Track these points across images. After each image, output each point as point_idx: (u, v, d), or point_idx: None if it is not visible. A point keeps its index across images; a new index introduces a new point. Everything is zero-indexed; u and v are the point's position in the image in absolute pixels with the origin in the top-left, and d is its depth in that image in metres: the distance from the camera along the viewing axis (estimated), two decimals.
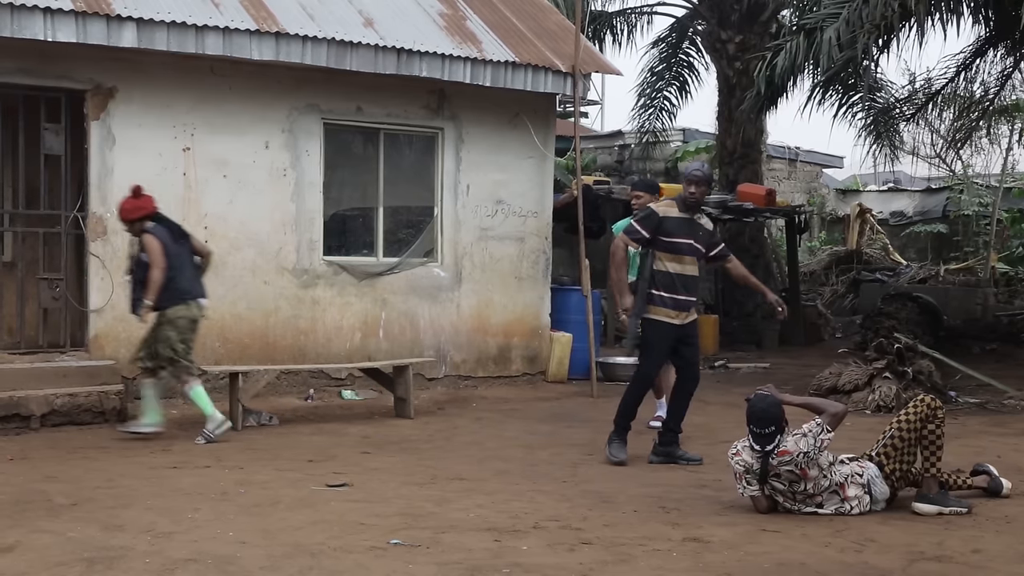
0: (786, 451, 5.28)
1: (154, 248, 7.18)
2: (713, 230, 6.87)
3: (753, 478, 5.34)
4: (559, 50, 10.47)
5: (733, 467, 5.44)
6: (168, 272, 7.18)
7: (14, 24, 7.72)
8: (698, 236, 6.71)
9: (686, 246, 6.68)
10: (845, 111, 15.63)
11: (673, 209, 6.70)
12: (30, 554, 4.37)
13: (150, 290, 7.15)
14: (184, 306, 7.31)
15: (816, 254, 21.54)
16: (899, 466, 5.42)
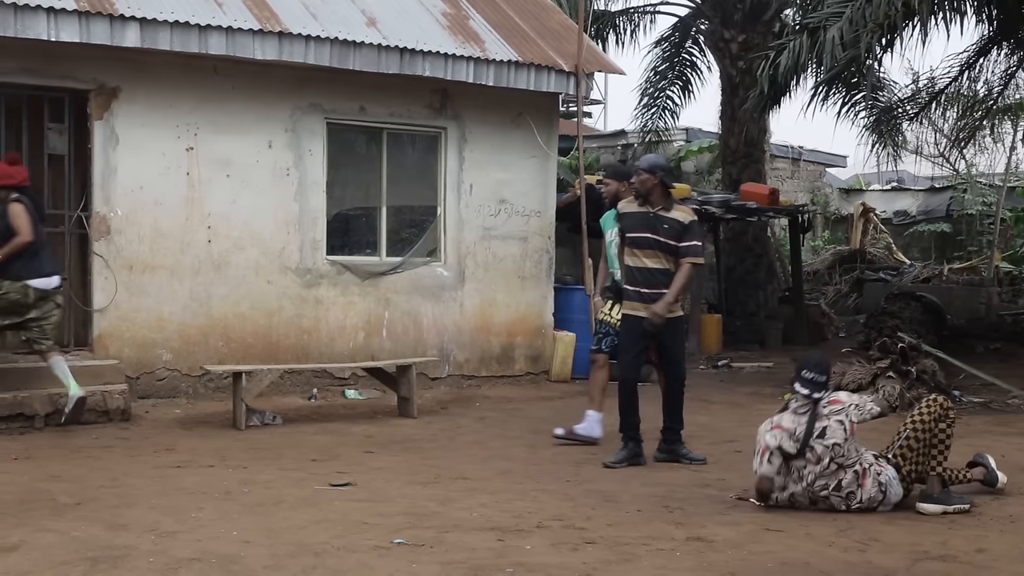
0: (838, 400, 5.34)
1: (21, 216, 7.19)
2: (688, 225, 6.60)
3: (779, 455, 5.28)
4: (562, 49, 10.46)
5: (763, 441, 5.37)
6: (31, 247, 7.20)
7: (18, 24, 7.73)
8: (662, 229, 6.60)
9: (644, 240, 6.65)
10: (848, 110, 15.62)
11: (633, 204, 6.76)
12: (34, 553, 4.38)
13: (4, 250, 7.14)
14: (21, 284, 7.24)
15: (820, 253, 21.52)
16: (915, 467, 5.41)
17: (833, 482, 5.30)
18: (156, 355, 8.76)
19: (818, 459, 5.28)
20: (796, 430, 5.32)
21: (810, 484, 5.32)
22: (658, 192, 6.66)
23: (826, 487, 5.31)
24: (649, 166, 6.69)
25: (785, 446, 5.32)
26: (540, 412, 8.96)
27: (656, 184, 6.64)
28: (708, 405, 9.63)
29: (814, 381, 5.35)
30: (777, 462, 5.34)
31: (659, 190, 6.66)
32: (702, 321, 14.52)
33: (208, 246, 8.97)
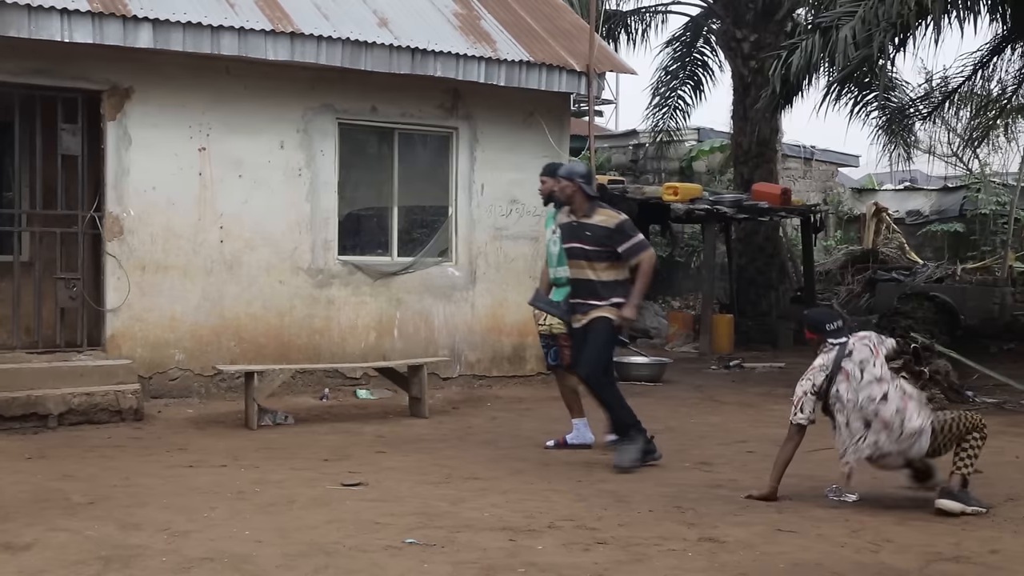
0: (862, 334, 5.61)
1: None
2: (615, 228, 6.45)
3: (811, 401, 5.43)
4: (573, 49, 10.46)
5: (800, 391, 5.51)
6: None
7: (31, 25, 7.76)
8: (585, 237, 6.51)
9: (571, 250, 6.61)
10: (860, 110, 15.59)
11: (563, 214, 6.71)
12: (48, 552, 4.40)
13: None
14: None
15: (832, 253, 21.46)
16: (941, 446, 5.44)
17: (879, 392, 5.35)
18: (169, 355, 8.79)
19: (848, 376, 5.39)
20: (826, 363, 5.49)
21: (855, 402, 5.36)
22: (579, 199, 6.54)
23: (872, 399, 5.34)
24: (567, 173, 6.63)
25: (816, 380, 5.47)
26: (551, 412, 8.94)
27: (576, 191, 6.53)
28: (720, 405, 9.62)
29: (839, 330, 5.56)
30: (809, 409, 5.48)
31: (580, 197, 6.55)
32: (713, 321, 14.51)
33: (220, 246, 8.99)
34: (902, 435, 5.35)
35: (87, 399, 7.61)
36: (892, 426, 5.35)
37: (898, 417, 5.35)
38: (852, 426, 5.41)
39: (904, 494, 5.80)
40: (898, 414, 5.35)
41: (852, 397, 5.39)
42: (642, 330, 15.55)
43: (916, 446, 5.38)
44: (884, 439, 5.36)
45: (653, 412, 9.09)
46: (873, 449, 5.39)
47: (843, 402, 5.41)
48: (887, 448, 5.37)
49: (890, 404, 5.36)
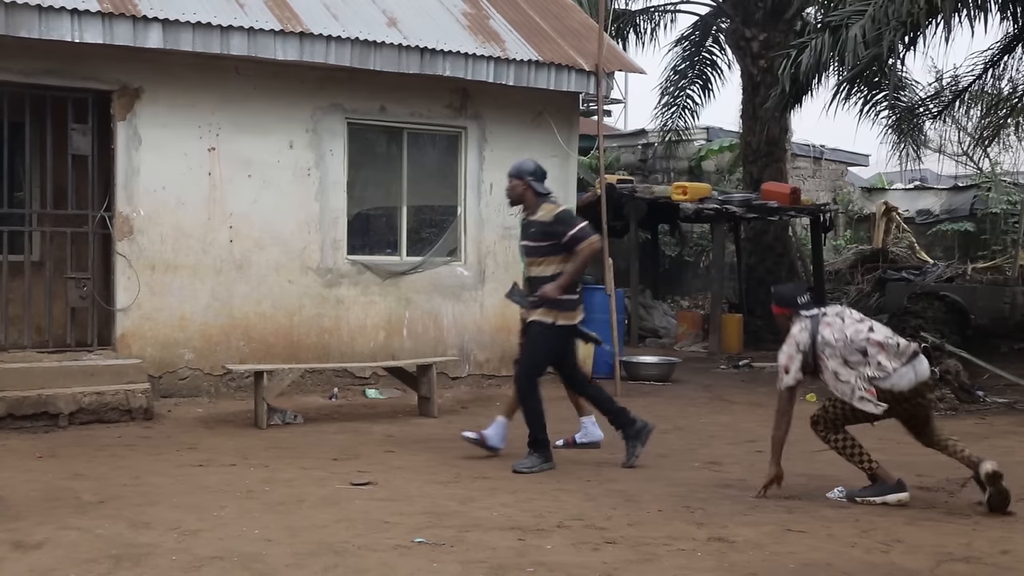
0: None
1: None
2: (552, 220, 6.38)
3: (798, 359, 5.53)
4: (582, 49, 10.45)
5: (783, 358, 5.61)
6: None
7: (42, 25, 7.79)
8: (531, 234, 6.51)
9: (522, 248, 6.63)
10: (870, 109, 15.54)
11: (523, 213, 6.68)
12: (58, 551, 4.41)
13: None
14: None
15: (841, 253, 21.40)
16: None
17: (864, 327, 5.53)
18: (178, 354, 8.81)
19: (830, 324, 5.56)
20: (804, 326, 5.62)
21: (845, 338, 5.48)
22: (529, 196, 6.51)
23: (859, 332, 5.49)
24: (516, 171, 6.57)
25: (801, 339, 5.57)
26: (560, 412, 8.92)
27: (525, 188, 6.49)
28: (729, 405, 9.61)
29: (809, 303, 5.72)
30: (797, 366, 5.57)
31: (529, 194, 6.51)
32: (722, 321, 14.49)
33: (230, 246, 9.01)
34: (899, 350, 5.48)
35: (97, 398, 7.63)
36: (888, 345, 5.48)
37: (892, 340, 5.52)
38: (850, 360, 5.49)
39: (916, 494, 5.79)
40: (890, 337, 5.54)
41: (840, 336, 5.51)
42: (651, 329, 15.54)
43: (919, 363, 5.51)
44: (884, 358, 5.45)
45: (662, 412, 9.10)
46: (878, 370, 5.45)
47: (832, 345, 5.51)
48: (891, 365, 5.44)
49: (879, 330, 5.56)
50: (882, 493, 5.58)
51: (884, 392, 5.45)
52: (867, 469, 5.64)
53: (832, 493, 5.74)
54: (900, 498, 5.55)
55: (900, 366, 5.46)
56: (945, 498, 5.78)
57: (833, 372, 5.53)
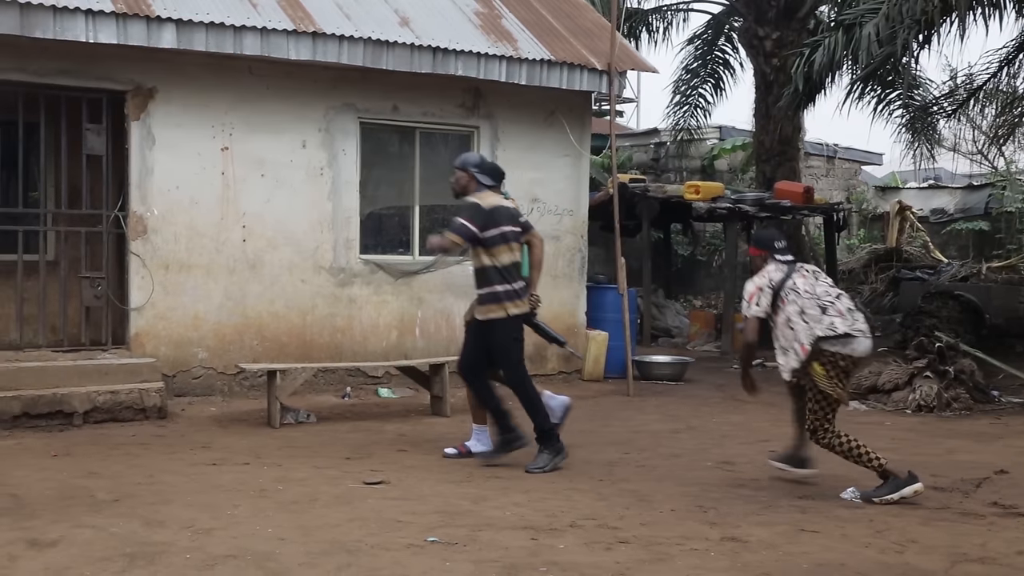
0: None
1: None
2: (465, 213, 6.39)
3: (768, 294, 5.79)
4: (595, 48, 10.44)
5: (752, 287, 5.84)
6: None
7: (56, 26, 7.83)
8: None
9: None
10: (884, 108, 15.47)
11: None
12: (73, 549, 4.43)
13: None
14: None
15: (855, 252, 21.31)
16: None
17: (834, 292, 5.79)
18: (192, 353, 8.84)
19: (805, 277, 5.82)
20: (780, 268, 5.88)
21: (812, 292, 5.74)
22: (473, 188, 6.48)
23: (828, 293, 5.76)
24: (461, 162, 6.59)
25: (774, 277, 5.83)
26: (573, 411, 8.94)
27: (470, 180, 6.49)
28: (742, 405, 9.58)
29: (785, 248, 5.98)
30: (766, 300, 5.81)
31: (473, 186, 6.49)
32: (735, 320, 14.44)
33: (243, 245, 9.04)
34: (854, 324, 5.69)
35: (112, 397, 7.67)
36: (846, 316, 5.70)
37: (851, 313, 5.74)
38: (807, 312, 5.71)
39: (931, 494, 5.77)
40: (850, 311, 5.75)
41: (809, 289, 5.77)
42: (663, 329, 15.51)
43: (867, 338, 5.73)
44: (839, 322, 5.66)
45: (675, 411, 9.09)
46: (828, 329, 5.64)
47: (799, 292, 5.76)
48: (842, 329, 5.64)
49: (844, 301, 5.80)
50: (896, 489, 5.58)
51: (844, 358, 5.66)
52: (877, 468, 5.65)
53: (846, 493, 5.73)
54: (916, 489, 5.56)
55: (855, 334, 5.68)
56: (960, 498, 5.76)
57: (787, 318, 5.76)
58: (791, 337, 5.75)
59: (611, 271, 11.64)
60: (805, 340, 5.68)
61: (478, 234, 6.35)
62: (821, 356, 5.66)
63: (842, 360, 5.67)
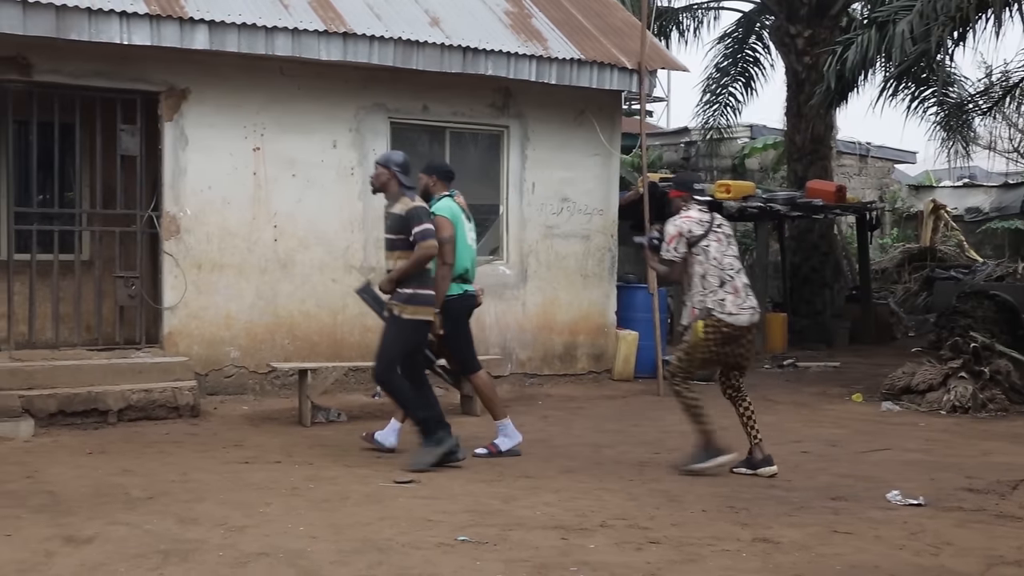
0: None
1: None
2: (405, 215, 6.27)
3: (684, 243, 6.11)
4: (625, 47, 10.41)
5: (674, 231, 6.13)
6: None
7: (92, 28, 7.91)
8: (387, 226, 6.47)
9: (385, 240, 6.56)
10: (917, 105, 15.31)
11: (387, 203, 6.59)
12: (108, 546, 4.48)
13: None
14: None
15: (888, 251, 21.13)
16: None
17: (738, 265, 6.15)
18: (224, 352, 8.91)
19: (720, 240, 6.16)
20: (703, 219, 6.18)
21: (719, 260, 6.11)
22: (393, 186, 6.41)
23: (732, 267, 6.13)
24: (383, 159, 6.52)
25: (694, 230, 6.13)
26: (603, 411, 8.93)
27: (390, 178, 6.40)
28: (773, 405, 9.52)
29: (704, 191, 6.37)
30: (683, 248, 6.12)
31: (393, 184, 6.41)
32: (766, 320, 14.36)
33: (274, 245, 9.09)
34: (744, 303, 6.10)
35: (145, 395, 7.74)
36: (740, 294, 6.10)
37: (746, 290, 6.15)
38: (708, 279, 6.10)
39: (966, 496, 5.71)
40: (746, 287, 6.15)
41: (717, 256, 6.12)
42: None
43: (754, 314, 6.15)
44: (730, 300, 6.07)
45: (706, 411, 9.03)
46: (718, 305, 6.06)
47: (708, 256, 6.11)
48: (730, 307, 6.06)
49: (743, 277, 6.18)
50: (710, 458, 6.18)
51: (728, 326, 6.06)
52: (704, 433, 6.21)
53: (890, 495, 5.66)
54: (729, 459, 6.21)
55: (741, 310, 6.09)
56: (996, 500, 5.69)
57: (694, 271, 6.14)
58: (689, 291, 6.19)
59: (641, 270, 11.61)
60: (696, 304, 6.12)
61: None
62: (708, 318, 6.09)
63: (725, 327, 6.09)
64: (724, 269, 6.11)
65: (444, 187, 6.83)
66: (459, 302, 6.76)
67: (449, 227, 6.59)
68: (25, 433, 7.07)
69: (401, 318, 6.31)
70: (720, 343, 6.12)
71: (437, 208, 6.67)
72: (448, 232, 6.57)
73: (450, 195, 6.80)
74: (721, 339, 6.11)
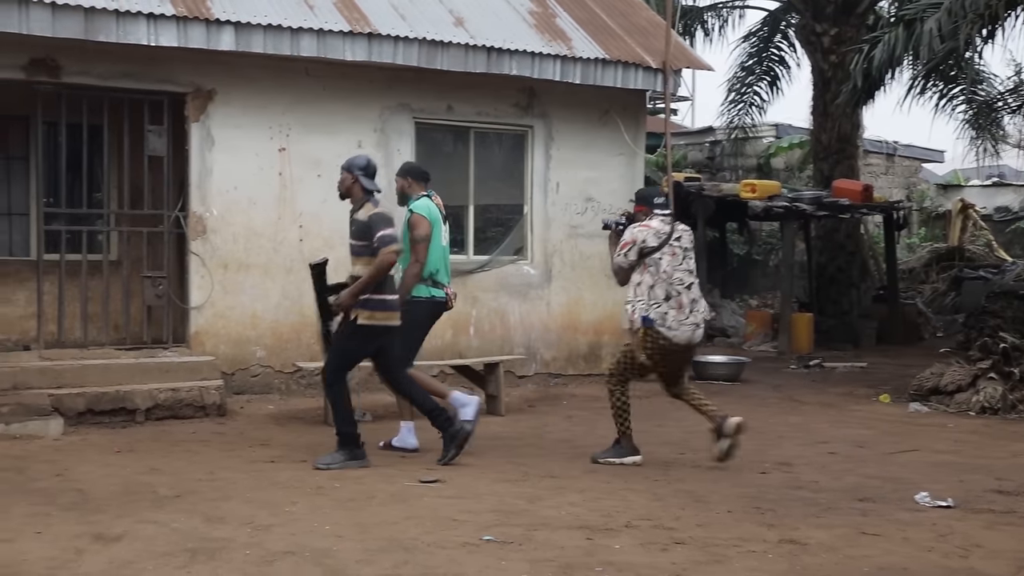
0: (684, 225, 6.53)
1: None
2: (367, 221, 6.26)
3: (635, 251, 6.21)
4: (649, 46, 10.38)
5: (630, 237, 6.25)
6: None
7: (119, 30, 7.98)
8: (351, 232, 6.44)
9: (349, 246, 6.48)
10: (946, 104, 15.18)
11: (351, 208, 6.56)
12: (137, 544, 4.51)
13: None
14: None
15: (916, 251, 20.96)
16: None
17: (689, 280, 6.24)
18: (250, 352, 8.96)
19: (674, 253, 6.24)
20: (661, 231, 6.26)
21: (669, 274, 6.20)
22: (356, 191, 6.40)
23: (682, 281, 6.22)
24: (347, 164, 6.47)
25: (649, 241, 6.23)
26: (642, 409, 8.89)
27: (353, 183, 6.39)
28: (799, 405, 9.47)
29: (664, 204, 6.47)
30: (633, 256, 6.22)
31: (357, 188, 6.40)
32: (792, 320, 14.29)
33: (300, 245, 9.13)
34: (688, 319, 6.21)
35: (172, 394, 7.79)
36: (684, 309, 6.21)
37: (692, 305, 6.24)
38: (655, 291, 6.19)
39: (996, 498, 5.66)
40: (693, 303, 6.25)
41: (668, 270, 6.21)
42: (719, 329, 15.38)
43: (697, 331, 6.29)
44: (672, 315, 6.18)
45: (731, 411, 8.97)
46: (660, 318, 6.17)
47: (659, 268, 6.20)
48: (671, 322, 6.18)
49: (692, 292, 6.27)
50: (620, 456, 6.43)
51: (666, 341, 6.18)
52: (622, 432, 6.44)
53: (919, 496, 5.62)
54: (635, 460, 6.41)
55: (681, 325, 6.20)
56: None
57: (639, 280, 6.23)
58: (633, 296, 6.25)
59: None
60: (639, 313, 6.19)
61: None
62: (649, 330, 6.19)
63: (663, 340, 6.20)
64: (673, 283, 6.21)
65: (421, 188, 6.91)
66: (423, 305, 6.78)
67: (426, 225, 6.69)
68: (55, 432, 7.13)
69: (356, 323, 6.25)
70: (658, 356, 6.26)
71: (415, 207, 6.77)
72: (424, 231, 6.67)
73: (428, 195, 6.86)
74: (659, 352, 6.24)
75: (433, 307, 6.89)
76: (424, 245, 6.67)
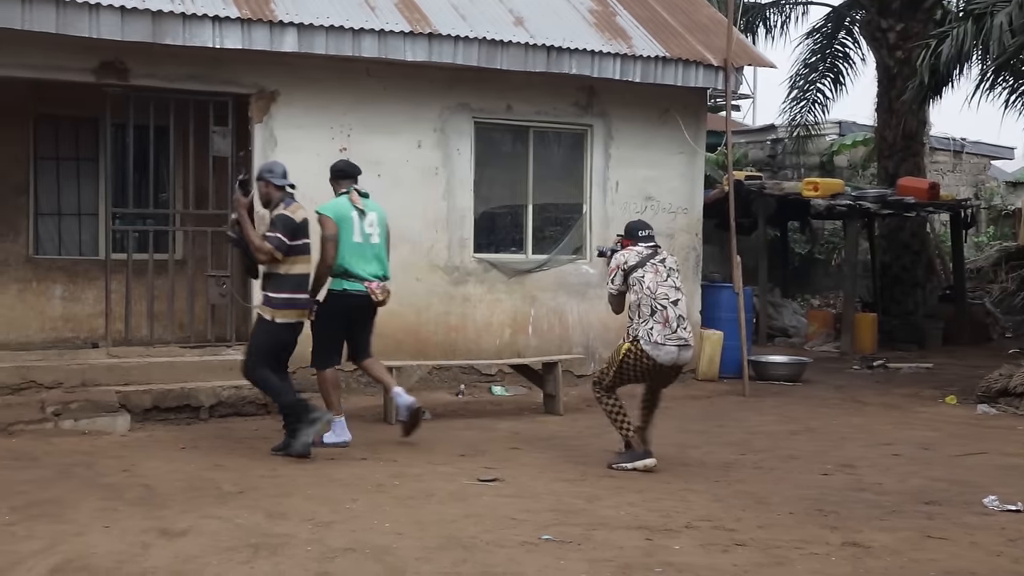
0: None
1: None
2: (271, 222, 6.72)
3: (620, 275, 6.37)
4: (710, 44, 10.29)
5: (614, 265, 6.42)
6: None
7: (186, 33, 8.11)
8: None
9: None
10: (1016, 100, 14.80)
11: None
12: (201, 539, 4.59)
13: None
14: None
15: (984, 250, 20.50)
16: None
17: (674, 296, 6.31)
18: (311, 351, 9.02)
19: (657, 271, 6.34)
20: (643, 252, 6.43)
21: (652, 291, 6.28)
22: (274, 194, 6.74)
23: (666, 297, 6.28)
24: (258, 173, 6.84)
25: (630, 260, 6.37)
26: (687, 411, 8.84)
27: (267, 187, 6.73)
28: (862, 406, 9.33)
29: (649, 236, 6.55)
30: (619, 281, 6.38)
31: (273, 190, 6.74)
32: (855, 320, 14.08)
33: None
34: (672, 335, 6.23)
35: (235, 392, 7.91)
36: (670, 324, 6.25)
37: (678, 320, 6.28)
38: (641, 308, 6.30)
39: None
40: (679, 320, 6.30)
41: (651, 286, 6.30)
42: (780, 329, 15.20)
43: (684, 351, 6.29)
44: (658, 330, 6.22)
45: (792, 412, 8.90)
46: (646, 335, 6.23)
47: (642, 285, 6.30)
48: (656, 337, 6.21)
49: (678, 308, 6.32)
50: (632, 460, 6.34)
51: (649, 358, 6.23)
52: (625, 436, 6.38)
53: (987, 500, 5.50)
54: (646, 463, 6.32)
55: (667, 343, 6.22)
56: None
57: (630, 302, 6.36)
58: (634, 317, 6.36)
59: (726, 270, 11.46)
60: (630, 330, 6.34)
61: (288, 243, 6.61)
62: (634, 344, 6.29)
63: (646, 359, 6.25)
64: (657, 299, 6.29)
65: (342, 185, 7.12)
66: (335, 299, 6.95)
67: (330, 224, 6.90)
68: (122, 428, 7.28)
69: (264, 319, 6.67)
70: (640, 371, 6.33)
71: (321, 208, 7.06)
72: (329, 230, 6.89)
73: (346, 192, 7.05)
74: (641, 368, 6.31)
75: (346, 300, 6.98)
76: (331, 243, 6.89)
